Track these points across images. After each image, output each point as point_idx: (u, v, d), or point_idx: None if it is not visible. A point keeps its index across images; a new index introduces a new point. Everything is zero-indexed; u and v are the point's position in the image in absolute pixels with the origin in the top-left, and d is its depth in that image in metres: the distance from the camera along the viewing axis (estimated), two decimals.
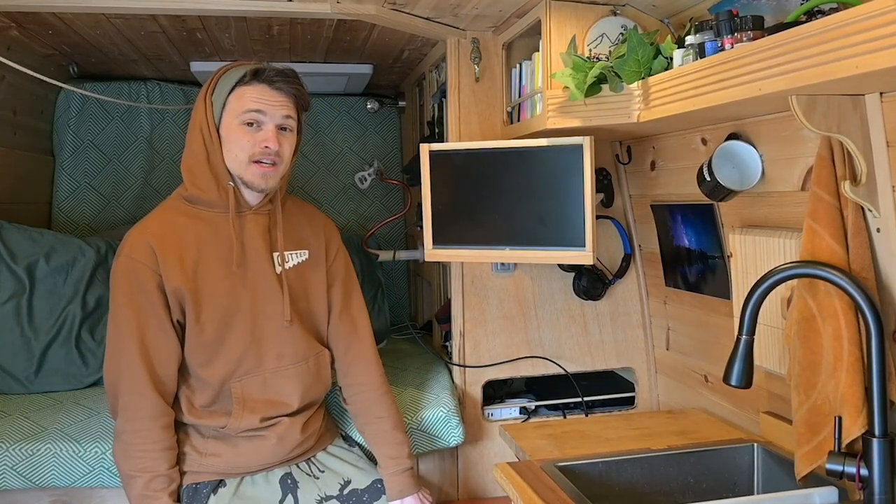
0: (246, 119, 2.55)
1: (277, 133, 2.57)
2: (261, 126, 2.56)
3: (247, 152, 2.55)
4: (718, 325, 2.94)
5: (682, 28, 2.68)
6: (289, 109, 2.60)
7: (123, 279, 2.57)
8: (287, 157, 2.63)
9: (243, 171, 2.58)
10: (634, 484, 2.55)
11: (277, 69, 2.58)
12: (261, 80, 2.56)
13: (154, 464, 2.51)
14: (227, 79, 2.59)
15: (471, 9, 2.99)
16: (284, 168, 2.65)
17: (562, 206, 2.85)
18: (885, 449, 1.98)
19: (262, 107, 2.54)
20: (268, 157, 2.55)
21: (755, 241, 2.48)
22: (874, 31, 1.49)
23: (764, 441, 2.61)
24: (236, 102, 2.56)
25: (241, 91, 2.56)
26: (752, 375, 2.10)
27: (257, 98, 2.55)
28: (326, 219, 2.97)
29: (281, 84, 2.57)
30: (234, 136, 2.56)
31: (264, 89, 2.55)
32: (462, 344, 3.40)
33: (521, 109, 3.15)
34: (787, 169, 2.36)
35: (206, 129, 2.59)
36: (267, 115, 2.55)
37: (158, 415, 2.54)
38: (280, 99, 2.57)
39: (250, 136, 2.55)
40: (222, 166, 2.59)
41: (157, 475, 2.51)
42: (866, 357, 2.01)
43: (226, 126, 2.58)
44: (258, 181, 2.58)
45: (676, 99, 2.28)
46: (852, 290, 1.97)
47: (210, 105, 2.59)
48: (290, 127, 2.63)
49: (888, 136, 1.93)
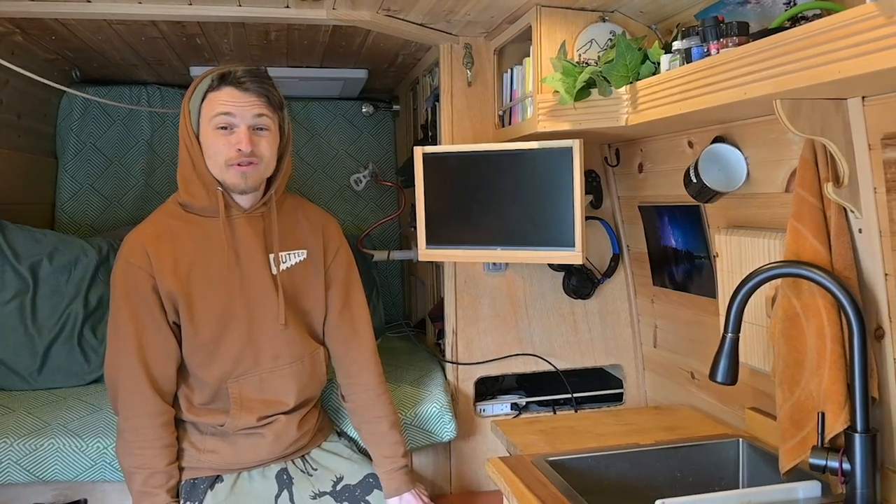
0: (218, 123, 2.51)
1: (251, 133, 2.52)
2: (233, 129, 2.52)
3: (223, 156, 2.52)
4: (705, 323, 2.93)
5: (669, 34, 2.68)
6: (260, 108, 2.54)
7: (121, 283, 2.57)
8: (266, 155, 2.58)
9: (224, 174, 2.55)
10: (623, 478, 2.55)
11: (246, 70, 2.55)
12: (228, 83, 2.52)
13: (152, 461, 2.52)
14: (200, 86, 2.56)
15: (463, 15, 2.99)
16: (266, 166, 2.60)
17: (552, 208, 2.85)
18: (866, 444, 1.98)
19: (231, 109, 2.50)
20: (243, 158, 2.51)
21: (740, 241, 2.48)
22: (856, 37, 1.49)
23: (749, 436, 2.61)
24: (208, 108, 2.53)
25: (211, 97, 2.53)
26: (738, 372, 2.10)
27: (226, 101, 2.51)
28: (328, 218, 2.92)
29: (249, 84, 2.52)
30: (210, 141, 2.53)
31: (232, 92, 2.51)
32: (455, 342, 3.39)
33: (512, 113, 3.14)
34: (772, 171, 2.35)
35: (188, 137, 2.57)
36: (237, 117, 2.51)
37: (156, 413, 2.55)
38: (249, 99, 2.52)
39: (225, 140, 2.52)
40: (207, 173, 2.58)
41: (156, 472, 2.52)
42: (848, 355, 2.01)
43: (203, 133, 2.55)
44: (238, 181, 2.55)
45: (664, 103, 2.27)
46: (835, 289, 1.97)
47: (188, 114, 2.57)
48: (265, 125, 2.57)
49: (870, 139, 1.93)
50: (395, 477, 2.74)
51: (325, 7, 2.96)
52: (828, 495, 2.11)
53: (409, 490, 2.74)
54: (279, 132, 2.65)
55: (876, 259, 2.00)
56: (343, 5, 2.95)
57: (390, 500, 2.73)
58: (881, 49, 1.44)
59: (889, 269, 1.98)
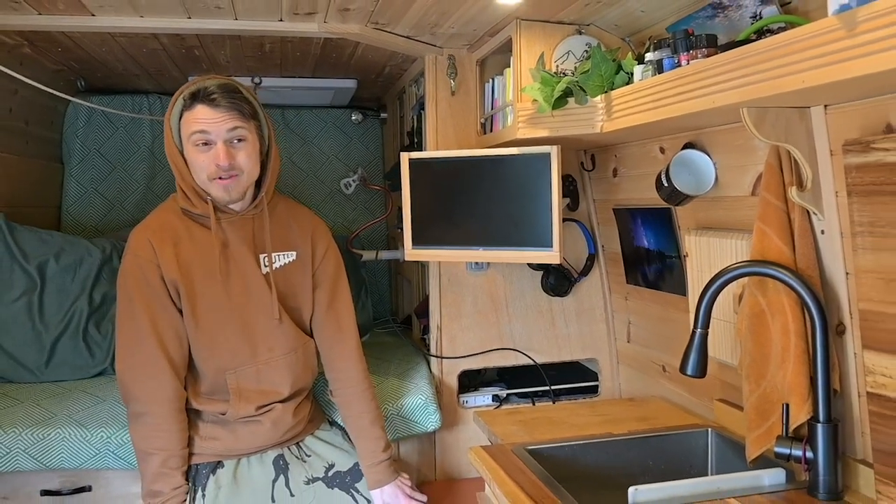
0: (196, 140, 2.49)
1: (227, 148, 2.49)
2: (210, 145, 2.49)
3: (204, 172, 2.51)
4: (675, 319, 2.93)
5: (642, 46, 2.68)
6: (234, 121, 2.49)
7: (132, 276, 2.58)
8: (245, 166, 2.54)
9: (208, 187, 2.55)
10: (598, 466, 2.54)
11: (217, 85, 2.50)
12: (199, 100, 2.47)
13: (170, 444, 2.53)
14: (177, 104, 2.53)
15: (447, 28, 2.98)
16: (248, 176, 2.57)
17: (531, 210, 2.84)
18: (828, 433, 1.98)
19: (205, 126, 2.47)
20: (223, 172, 2.50)
21: (709, 242, 2.47)
22: (819, 49, 1.48)
23: (717, 426, 2.60)
24: (185, 126, 2.51)
25: (186, 115, 2.50)
26: (707, 366, 2.10)
27: (200, 119, 2.47)
28: (317, 221, 2.90)
29: (220, 100, 2.47)
30: (192, 157, 2.52)
31: (205, 109, 2.46)
32: (439, 337, 3.39)
33: (493, 121, 3.12)
34: (739, 176, 2.35)
35: (173, 152, 2.56)
36: (212, 134, 2.47)
37: (175, 397, 2.57)
38: (221, 115, 2.47)
39: (204, 157, 2.49)
40: (195, 184, 2.57)
41: (174, 454, 2.53)
42: (811, 349, 2.02)
43: (185, 149, 2.53)
44: (222, 195, 2.55)
45: (637, 111, 2.27)
46: (799, 287, 1.97)
47: (170, 129, 2.55)
48: (241, 136, 2.52)
49: (832, 145, 1.93)
50: (377, 470, 2.73)
51: (317, 21, 2.95)
52: (792, 482, 2.11)
53: (390, 482, 2.73)
54: (258, 138, 2.60)
55: (837, 259, 2.00)
56: (334, 19, 2.93)
57: (373, 492, 2.73)
58: (842, 60, 1.43)
59: (850, 268, 1.97)
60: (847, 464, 2.03)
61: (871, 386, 1.80)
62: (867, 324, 1.80)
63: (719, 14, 2.24)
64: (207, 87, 2.48)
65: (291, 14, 2.87)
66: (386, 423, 2.95)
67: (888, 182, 1.68)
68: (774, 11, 2.01)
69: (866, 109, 1.80)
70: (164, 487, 2.50)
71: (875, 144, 1.70)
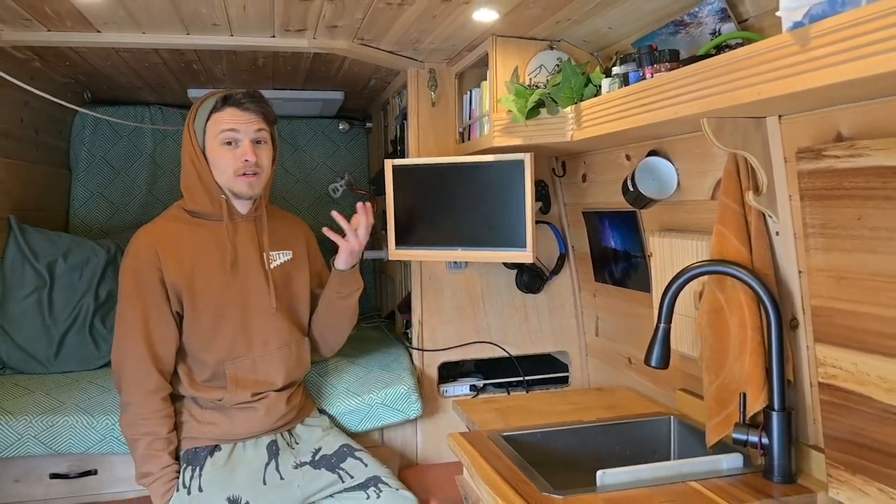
0: (224, 139, 2.58)
1: (253, 146, 2.59)
2: (238, 143, 2.59)
3: (231, 168, 2.59)
4: (640, 314, 2.92)
5: (609, 60, 2.67)
6: (259, 124, 2.61)
7: (131, 276, 2.61)
8: (266, 165, 2.66)
9: (232, 183, 2.61)
10: (568, 451, 2.53)
11: (244, 92, 2.61)
12: (230, 104, 2.59)
13: (155, 428, 2.56)
14: (203, 109, 2.62)
15: (428, 44, 2.97)
16: (266, 175, 2.67)
17: (506, 213, 2.82)
18: (783, 421, 1.98)
19: (236, 126, 2.57)
20: (249, 168, 2.58)
21: (672, 242, 2.46)
22: (774, 63, 1.48)
23: (679, 414, 2.59)
24: (213, 127, 2.59)
25: (216, 117, 2.59)
26: (669, 358, 2.09)
27: (230, 120, 2.58)
28: (305, 225, 3.01)
29: (248, 104, 2.59)
30: (217, 155, 2.60)
31: (234, 111, 2.58)
32: (421, 331, 3.38)
33: (471, 130, 3.11)
34: (700, 181, 2.34)
35: (194, 153, 2.62)
36: (241, 133, 2.58)
37: (158, 389, 2.58)
38: (249, 117, 2.59)
39: (231, 154, 2.59)
40: (213, 183, 2.63)
41: (158, 437, 2.56)
42: (767, 342, 2.01)
43: (210, 149, 2.61)
44: (245, 190, 2.62)
45: (604, 121, 2.26)
46: (755, 285, 1.97)
47: (193, 133, 2.62)
48: (264, 139, 2.64)
49: (786, 152, 1.92)
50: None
51: (307, 37, 2.94)
52: (749, 466, 2.10)
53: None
54: (273, 144, 2.71)
55: (791, 258, 2.00)
56: (323, 35, 2.92)
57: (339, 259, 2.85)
58: (796, 73, 1.44)
59: (802, 266, 1.97)
60: (800, 449, 2.03)
61: (822, 377, 1.79)
62: (819, 319, 1.79)
63: (681, 31, 2.23)
64: (236, 93, 2.59)
65: (283, 31, 2.86)
66: (370, 410, 3.02)
67: (838, 187, 1.68)
68: (733, 28, 2.02)
69: (818, 119, 1.79)
70: (153, 468, 2.53)
71: (826, 152, 1.70)
